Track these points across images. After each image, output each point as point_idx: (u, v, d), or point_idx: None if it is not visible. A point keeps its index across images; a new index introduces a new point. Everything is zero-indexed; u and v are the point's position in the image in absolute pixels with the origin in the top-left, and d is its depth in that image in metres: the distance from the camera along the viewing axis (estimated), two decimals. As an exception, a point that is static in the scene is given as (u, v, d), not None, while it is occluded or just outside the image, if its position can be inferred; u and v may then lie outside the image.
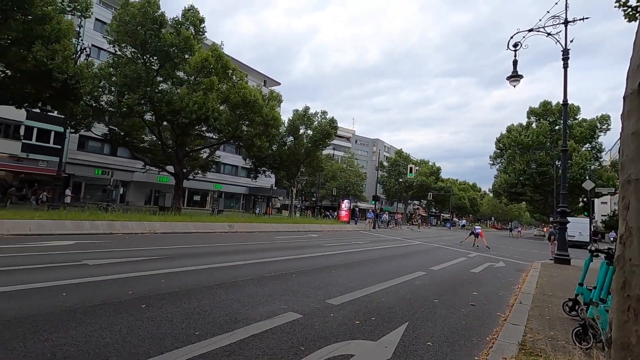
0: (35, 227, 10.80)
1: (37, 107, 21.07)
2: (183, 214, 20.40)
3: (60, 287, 5.20)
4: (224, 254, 10.02)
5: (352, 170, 67.02)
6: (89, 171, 32.82)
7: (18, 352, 3.08)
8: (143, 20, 20.48)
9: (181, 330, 3.87)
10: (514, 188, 47.65)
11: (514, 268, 12.06)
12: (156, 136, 26.65)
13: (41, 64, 15.82)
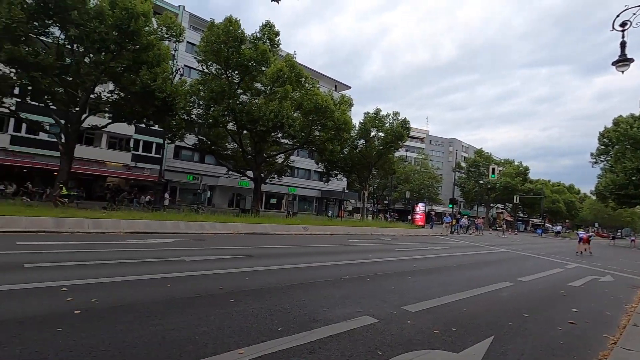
0: (143, 226, 12.58)
1: (142, 122, 24.51)
2: (261, 216, 21.79)
3: (165, 279, 5.99)
4: (300, 255, 10.44)
5: (426, 172, 64.28)
6: (182, 177, 36.95)
7: (134, 334, 3.65)
8: (226, 39, 22.48)
9: (265, 325, 4.17)
10: (624, 190, 40.73)
11: (625, 283, 10.36)
12: (237, 144, 28.90)
13: (146, 86, 18.42)
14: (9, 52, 14.85)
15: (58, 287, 5.01)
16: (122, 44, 17.85)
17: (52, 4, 15.28)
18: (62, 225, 10.89)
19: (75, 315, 4.00)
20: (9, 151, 27.20)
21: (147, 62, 18.91)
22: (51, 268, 6.17)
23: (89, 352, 3.16)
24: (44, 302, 4.39)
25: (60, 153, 20.22)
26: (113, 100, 21.89)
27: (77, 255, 7.53)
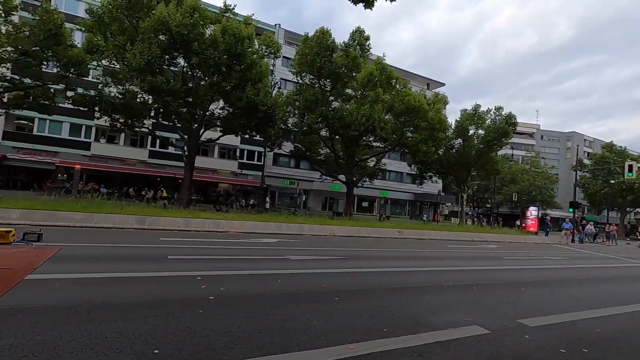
0: (251, 227, 14.03)
1: (247, 133, 27.28)
2: (355, 219, 22.15)
3: (275, 275, 6.63)
4: (398, 259, 10.34)
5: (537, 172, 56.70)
6: (280, 182, 39.82)
7: (257, 320, 4.16)
8: (319, 50, 23.62)
9: (371, 325, 4.31)
10: None
11: None
12: (330, 149, 29.95)
13: (251, 101, 20.53)
14: (149, 83, 18.26)
15: (194, 276, 5.98)
16: (231, 65, 20.24)
17: (179, 39, 18.25)
18: (189, 225, 12.87)
19: (210, 300, 4.75)
20: (147, 163, 33.11)
21: (251, 79, 21.05)
22: (188, 260, 7.38)
23: (226, 331, 3.74)
24: (185, 287, 5.31)
25: (184, 163, 23.80)
26: (223, 115, 24.90)
27: (205, 251, 8.83)
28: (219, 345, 3.40)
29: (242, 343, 3.49)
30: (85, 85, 22.75)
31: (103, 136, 32.36)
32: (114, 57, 20.09)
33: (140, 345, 3.26)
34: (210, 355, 3.18)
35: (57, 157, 29.65)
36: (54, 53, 19.42)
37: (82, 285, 4.99)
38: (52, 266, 5.82)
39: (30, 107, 21.53)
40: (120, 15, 18.93)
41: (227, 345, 3.40)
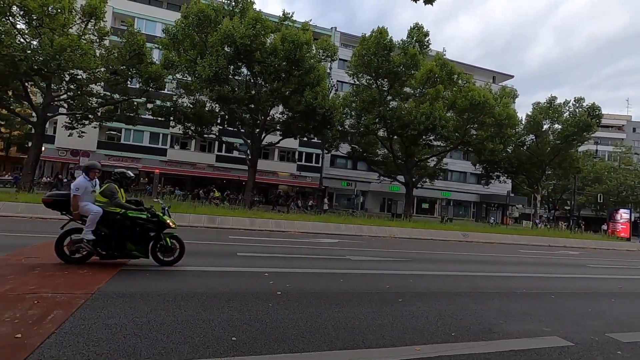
0: (311, 227, 14.40)
1: (305, 136, 28.01)
2: (415, 221, 21.51)
3: (338, 275, 6.76)
4: (463, 263, 9.88)
5: (629, 170, 49.78)
6: (337, 183, 40.13)
7: (323, 317, 4.31)
8: (376, 50, 23.44)
9: (437, 328, 4.22)
10: None
11: None
12: (388, 149, 29.46)
13: (309, 104, 21.11)
14: (217, 92, 19.73)
15: (262, 272, 6.36)
16: (290, 71, 21.01)
17: (243, 50, 19.46)
18: (254, 224, 13.62)
19: (277, 295, 5.02)
20: (215, 167, 35.61)
21: (309, 83, 21.63)
22: (255, 257, 7.85)
23: (294, 324, 3.95)
24: (255, 282, 5.67)
25: (248, 167, 25.19)
26: (283, 119, 25.88)
27: (270, 249, 9.30)
28: (289, 336, 3.61)
29: (311, 336, 3.66)
30: (162, 98, 25.24)
31: (177, 143, 35.53)
32: (186, 71, 22.03)
33: (220, 332, 3.59)
34: (282, 345, 3.39)
35: (139, 163, 33.27)
36: (137, 70, 21.87)
37: (168, 276, 5.60)
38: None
39: (118, 119, 24.48)
40: (192, 32, 20.70)
41: (297, 338, 3.60)
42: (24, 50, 18.00)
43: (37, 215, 11.59)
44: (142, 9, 34.13)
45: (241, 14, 21.85)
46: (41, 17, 17.99)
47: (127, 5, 33.29)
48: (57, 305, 3.86)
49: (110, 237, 5.75)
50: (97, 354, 2.91)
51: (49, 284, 4.58)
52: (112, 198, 5.75)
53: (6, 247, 6.54)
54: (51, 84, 20.48)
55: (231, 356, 3.09)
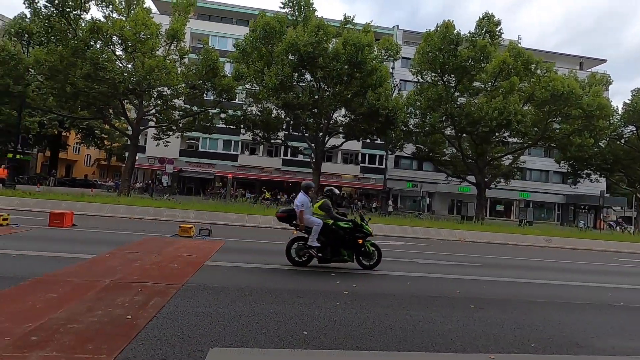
0: (376, 229, 14.28)
1: (368, 138, 27.90)
2: (488, 224, 20.04)
3: (404, 277, 6.68)
4: (544, 270, 9.02)
5: None
6: (402, 185, 39.13)
7: (390, 318, 4.33)
8: (441, 45, 22.47)
9: (514, 338, 3.98)
10: None
11: None
12: (456, 149, 27.94)
13: (372, 106, 21.04)
14: (283, 99, 20.71)
15: (329, 272, 6.56)
16: (352, 74, 21.17)
17: (306, 57, 20.16)
18: (319, 225, 13.99)
19: (344, 295, 5.16)
20: (281, 170, 37.22)
21: (372, 85, 21.55)
22: (321, 257, 8.09)
23: (361, 323, 4.05)
24: (322, 281, 5.88)
25: (312, 169, 25.87)
26: (346, 122, 26.11)
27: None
28: (357, 334, 3.72)
29: (379, 336, 3.73)
30: (234, 107, 27.15)
31: (247, 149, 37.90)
32: (254, 81, 23.46)
33: (292, 325, 3.83)
34: (350, 342, 3.52)
35: (214, 169, 36.20)
36: (212, 83, 23.89)
37: (245, 272, 6.08)
38: (221, 256, 7.25)
39: (196, 129, 26.94)
40: (259, 44, 22.01)
41: (365, 336, 3.69)
42: (122, 73, 20.82)
43: (135, 216, 13.32)
44: (215, 27, 37.20)
45: (304, 22, 22.62)
46: (134, 43, 20.66)
47: (202, 25, 36.56)
48: (156, 293, 4.47)
49: (327, 244, 6.67)
50: (189, 337, 3.33)
51: (148, 275, 5.30)
52: (329, 212, 6.79)
53: (112, 243, 7.68)
54: (142, 101, 23.36)
55: (303, 348, 3.30)
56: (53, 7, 19.35)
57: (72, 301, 3.97)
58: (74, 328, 3.29)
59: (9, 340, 2.96)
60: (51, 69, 19.81)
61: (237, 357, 3.02)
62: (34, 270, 5.12)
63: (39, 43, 21.77)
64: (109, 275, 5.12)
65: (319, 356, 3.18)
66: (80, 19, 20.25)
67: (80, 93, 20.53)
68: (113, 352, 2.89)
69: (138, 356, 2.88)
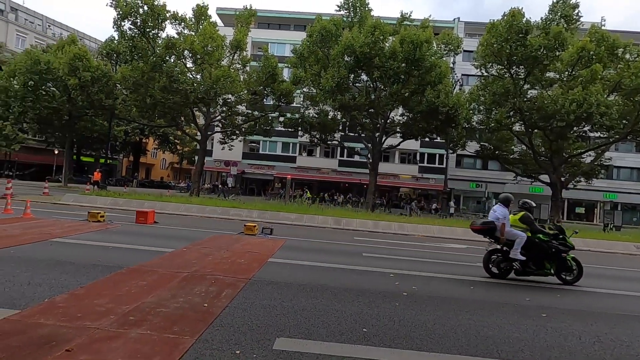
0: (436, 231, 13.86)
1: (426, 137, 26.99)
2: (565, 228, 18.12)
3: (466, 281, 6.44)
4: (635, 281, 8.00)
5: None
6: (465, 185, 37.13)
7: (452, 321, 4.24)
8: (508, 35, 20.95)
9: (594, 351, 3.67)
10: None
11: None
12: (526, 146, 25.80)
13: (431, 104, 20.36)
14: (339, 101, 20.98)
15: (388, 273, 6.57)
16: (410, 72, 20.70)
17: (362, 58, 20.18)
18: (377, 226, 13.93)
19: (403, 296, 5.16)
20: (337, 171, 37.57)
21: (431, 82, 20.85)
22: (380, 258, 8.12)
23: (421, 325, 4.04)
24: (381, 282, 5.92)
25: (369, 170, 25.76)
26: (403, 121, 25.56)
27: (394, 251, 9.44)
28: (417, 335, 3.73)
29: (439, 339, 3.70)
30: (292, 111, 28.12)
31: (304, 150, 38.91)
32: (311, 84, 24.08)
33: (352, 322, 3.96)
34: (410, 343, 3.55)
35: (274, 170, 37.75)
36: (272, 89, 25.03)
37: (305, 270, 6.36)
38: (283, 253, 7.64)
39: (257, 132, 28.42)
40: (315, 48, 22.55)
41: (425, 338, 3.69)
42: (192, 84, 22.78)
43: (205, 214, 14.50)
44: (274, 35, 38.86)
45: (360, 23, 22.65)
46: (202, 55, 22.47)
47: (262, 33, 38.40)
48: (227, 285, 4.91)
49: (529, 257, 6.61)
50: (258, 326, 3.63)
51: (219, 269, 5.81)
52: (532, 225, 6.78)
53: (188, 239, 8.49)
54: (210, 108, 25.28)
55: (363, 344, 3.42)
56: (136, 29, 21.85)
57: (159, 288, 4.54)
58: (162, 311, 3.78)
59: (113, 318, 3.51)
60: (134, 83, 22.39)
61: (302, 348, 3.23)
62: (127, 260, 5.90)
63: (124, 61, 24.75)
64: (187, 267, 5.71)
65: (379, 353, 3.26)
66: (157, 37, 22.58)
67: (158, 104, 22.89)
68: (194, 335, 3.28)
69: (215, 340, 3.23)
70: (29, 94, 26.27)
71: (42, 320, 3.31)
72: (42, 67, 25.63)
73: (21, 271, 4.85)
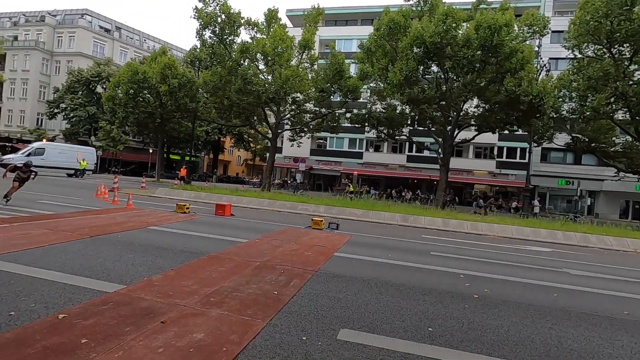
0: (515, 232, 12.72)
1: (505, 129, 24.74)
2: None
3: (550, 288, 5.85)
4: None
5: None
6: (552, 182, 33.23)
7: (528, 329, 3.93)
8: (607, 10, 18.14)
9: None
10: None
11: None
12: (632, 136, 22.13)
13: (511, 93, 18.59)
14: (407, 95, 20.30)
15: (457, 273, 6.28)
16: (486, 60, 19.15)
17: (432, 48, 19.22)
18: (448, 225, 13.28)
19: (474, 298, 4.91)
20: (406, 167, 36.46)
21: (510, 70, 19.03)
22: (449, 258, 7.78)
23: (493, 330, 3.83)
24: (449, 282, 5.69)
25: (439, 166, 24.53)
26: (478, 113, 23.79)
27: (465, 251, 8.94)
28: (487, 340, 3.55)
29: (513, 345, 3.47)
30: (358, 106, 27.98)
31: (371, 146, 38.50)
32: (378, 79, 23.67)
33: (416, 320, 3.91)
34: (479, 347, 3.39)
35: (340, 166, 38.06)
36: (339, 86, 25.22)
37: (370, 265, 6.40)
38: (348, 248, 7.76)
39: (325, 129, 28.87)
40: (383, 42, 22.08)
41: (497, 343, 3.49)
42: (263, 85, 24.03)
43: (275, 208, 15.29)
44: (341, 31, 39.00)
45: (430, 12, 21.59)
46: (273, 57, 23.54)
47: (329, 31, 38.80)
48: (295, 276, 5.18)
49: None
50: (323, 316, 3.79)
51: (288, 260, 6.14)
52: None
53: (260, 231, 9.08)
54: (280, 107, 26.42)
55: (428, 343, 3.36)
56: (215, 37, 23.74)
57: (235, 275, 4.99)
58: (237, 295, 4.16)
59: (197, 298, 3.97)
60: (214, 87, 24.39)
61: (365, 340, 3.30)
62: (208, 248, 6.56)
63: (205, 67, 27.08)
64: (259, 257, 6.15)
65: (445, 354, 3.19)
66: (233, 42, 24.26)
67: (234, 105, 24.62)
68: (266, 319, 3.56)
69: (283, 325, 3.47)
70: (130, 101, 30.24)
71: (142, 295, 3.89)
72: (139, 77, 29.28)
73: (126, 253, 5.72)
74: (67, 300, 3.61)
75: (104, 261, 5.14)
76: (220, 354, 2.79)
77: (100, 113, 37.26)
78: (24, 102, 43.82)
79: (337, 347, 3.11)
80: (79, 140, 39.99)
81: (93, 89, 40.04)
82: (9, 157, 27.97)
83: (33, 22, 46.41)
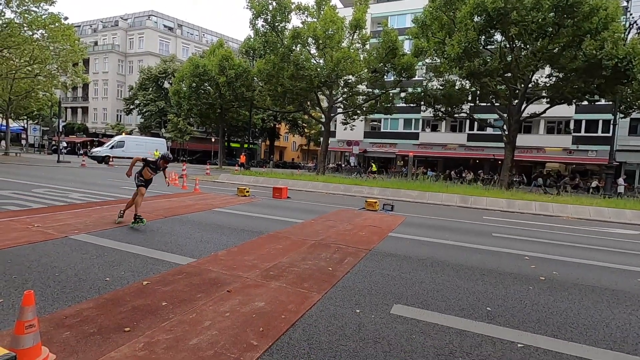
0: (593, 213, 11.47)
1: (584, 100, 22.01)
2: None
3: (632, 272, 5.27)
4: None
5: None
6: (642, 158, 29.05)
7: (602, 314, 3.61)
8: None
9: None
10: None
11: None
12: None
13: (591, 57, 16.39)
14: (467, 68, 18.92)
15: (521, 255, 5.91)
16: (560, 22, 17.05)
17: (495, 15, 17.58)
18: (512, 206, 12.40)
19: (540, 280, 4.61)
20: (466, 146, 34.40)
21: (590, 31, 16.72)
22: (513, 239, 7.33)
23: (559, 312, 3.60)
24: (512, 263, 5.39)
25: (504, 144, 22.73)
26: (551, 84, 21.45)
27: (532, 232, 8.33)
28: (553, 322, 3.36)
29: (584, 330, 3.25)
30: (413, 85, 26.83)
31: (428, 126, 36.87)
32: (434, 54, 22.37)
33: (474, 300, 3.81)
34: (543, 329, 3.23)
35: (396, 148, 37.10)
36: (392, 64, 24.36)
37: (425, 246, 6.29)
38: (403, 229, 7.67)
39: (378, 111, 28.23)
40: (439, 13, 20.70)
41: (564, 326, 3.29)
42: (315, 69, 24.08)
43: (329, 191, 15.52)
44: (393, 7, 37.28)
45: (493, -26, 19.65)
46: (324, 40, 23.39)
47: (381, 8, 37.30)
48: (348, 254, 5.30)
49: None
50: (377, 292, 3.87)
51: (341, 239, 6.28)
52: None
53: (315, 212, 9.34)
54: (332, 91, 26.34)
55: (486, 322, 3.28)
56: (267, 25, 24.21)
57: (292, 252, 5.25)
58: (294, 270, 4.40)
59: (257, 272, 4.28)
60: (267, 75, 25.03)
61: (419, 316, 3.32)
62: (267, 228, 6.95)
63: (259, 56, 27.82)
64: (314, 236, 6.37)
65: (505, 333, 3.09)
66: (284, 29, 24.53)
67: (287, 91, 25.08)
68: (321, 292, 3.73)
69: (338, 298, 3.61)
70: (193, 94, 32.36)
71: (210, 268, 4.30)
72: (200, 70, 31.09)
73: (195, 231, 6.29)
74: (149, 270, 4.13)
75: (177, 238, 5.73)
76: (280, 320, 3.02)
77: (168, 107, 40.44)
78: (106, 101, 49.15)
79: (391, 321, 3.18)
80: (152, 133, 44.01)
81: (161, 85, 43.47)
82: (97, 150, 31.87)
83: (109, 27, 51.34)
